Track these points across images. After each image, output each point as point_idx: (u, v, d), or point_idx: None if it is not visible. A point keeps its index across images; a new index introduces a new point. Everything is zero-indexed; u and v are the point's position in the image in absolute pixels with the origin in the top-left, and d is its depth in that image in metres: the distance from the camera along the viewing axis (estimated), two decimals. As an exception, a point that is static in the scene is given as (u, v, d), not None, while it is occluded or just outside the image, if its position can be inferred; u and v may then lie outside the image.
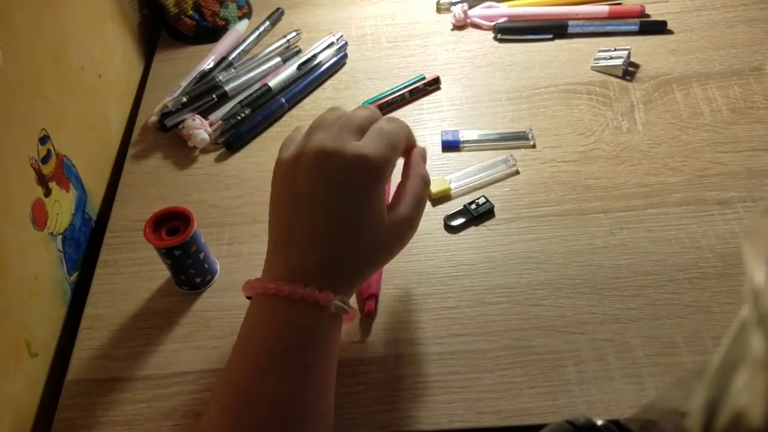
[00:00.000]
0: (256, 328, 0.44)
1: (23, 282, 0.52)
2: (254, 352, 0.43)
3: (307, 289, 0.43)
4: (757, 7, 0.76)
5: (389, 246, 0.47)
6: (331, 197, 0.45)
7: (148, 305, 0.57)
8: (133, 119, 0.74)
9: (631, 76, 0.71)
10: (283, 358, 0.42)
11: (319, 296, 0.42)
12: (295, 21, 0.82)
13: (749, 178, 0.60)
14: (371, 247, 0.45)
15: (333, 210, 0.44)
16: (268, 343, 0.43)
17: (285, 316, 0.43)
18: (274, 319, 0.43)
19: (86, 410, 0.51)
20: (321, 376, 0.43)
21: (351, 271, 0.45)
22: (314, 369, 0.43)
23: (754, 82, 0.68)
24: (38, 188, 0.55)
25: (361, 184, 0.44)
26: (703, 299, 0.53)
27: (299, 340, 0.43)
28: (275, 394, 0.41)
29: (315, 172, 0.45)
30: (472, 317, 0.53)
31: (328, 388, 0.44)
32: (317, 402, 0.43)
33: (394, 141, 0.47)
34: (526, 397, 0.49)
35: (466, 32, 0.79)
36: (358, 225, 0.45)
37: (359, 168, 0.44)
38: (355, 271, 0.45)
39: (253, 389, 0.42)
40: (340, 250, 0.44)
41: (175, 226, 0.53)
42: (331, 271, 0.44)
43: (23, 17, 0.55)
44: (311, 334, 0.43)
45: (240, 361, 0.44)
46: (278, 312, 0.43)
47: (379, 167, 0.45)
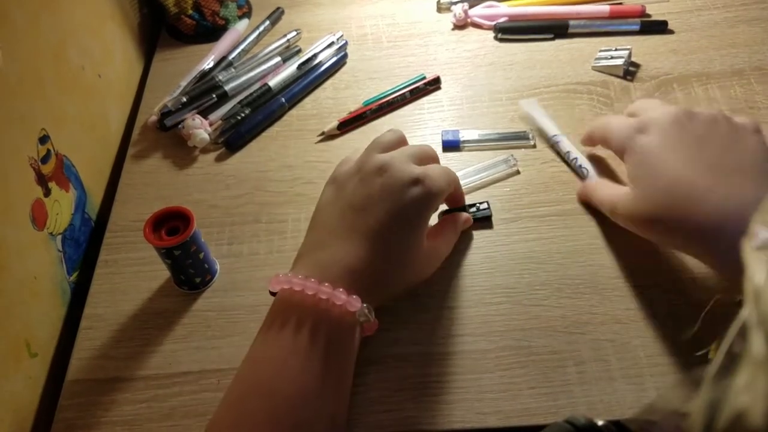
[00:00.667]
0: (284, 322, 0.44)
1: (23, 282, 0.51)
2: (277, 347, 0.44)
3: (336, 290, 0.43)
4: (757, 7, 0.76)
5: (417, 271, 0.50)
6: (384, 208, 0.46)
7: (147, 305, 0.57)
8: (133, 119, 0.73)
9: (632, 76, 0.70)
10: (306, 358, 0.43)
11: (348, 299, 0.43)
12: (295, 20, 0.82)
13: (750, 177, 0.60)
14: (404, 267, 0.48)
15: (382, 221, 0.46)
16: (292, 339, 0.43)
17: (311, 315, 0.44)
18: (298, 316, 0.44)
19: (86, 410, 0.51)
20: (339, 380, 0.44)
21: (382, 281, 0.47)
22: (334, 371, 0.43)
23: (755, 82, 0.68)
24: (38, 188, 0.55)
25: (416, 205, 0.47)
26: (703, 299, 0.52)
27: (322, 342, 0.43)
28: (295, 396, 0.42)
29: (372, 181, 0.47)
30: (473, 317, 0.53)
31: (344, 391, 0.45)
32: (334, 403, 0.43)
33: (452, 178, 0.51)
34: (527, 397, 0.49)
35: (466, 32, 0.79)
36: (399, 243, 0.47)
37: (415, 189, 0.47)
38: (388, 284, 0.47)
39: (272, 384, 0.42)
40: (375, 260, 0.45)
41: (175, 226, 0.53)
42: (363, 277, 0.45)
43: (23, 17, 0.55)
44: (334, 336, 0.44)
45: (262, 354, 0.44)
46: (305, 309, 0.44)
47: (436, 194, 0.48)
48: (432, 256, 0.52)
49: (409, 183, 0.47)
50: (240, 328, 0.54)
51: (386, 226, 0.46)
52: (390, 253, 0.46)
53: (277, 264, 0.58)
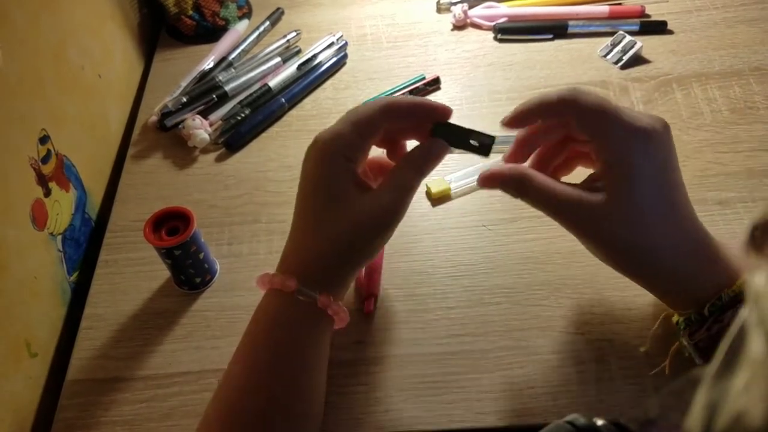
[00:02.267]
0: (255, 320, 0.46)
1: (23, 282, 0.52)
2: (243, 343, 0.45)
3: (275, 276, 0.44)
4: (757, 7, 0.76)
5: (363, 233, 0.43)
6: (300, 187, 0.46)
7: (147, 305, 0.57)
8: (133, 119, 0.74)
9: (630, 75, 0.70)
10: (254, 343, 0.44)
11: (282, 281, 0.43)
12: (295, 21, 0.82)
13: (749, 178, 0.60)
14: (338, 234, 0.43)
15: (300, 199, 0.45)
16: (253, 333, 0.45)
17: (263, 305, 0.45)
18: (266, 310, 0.45)
19: (86, 410, 0.51)
20: (298, 368, 0.43)
21: (319, 257, 0.44)
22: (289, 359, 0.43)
23: (754, 83, 0.68)
24: (38, 188, 0.55)
25: (314, 166, 0.44)
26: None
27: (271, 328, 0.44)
28: (255, 383, 0.43)
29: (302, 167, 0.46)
30: (472, 317, 0.53)
31: (312, 386, 0.44)
32: (298, 398, 0.43)
33: (355, 117, 0.44)
34: (526, 397, 0.49)
35: (466, 32, 0.79)
36: (315, 211, 0.44)
37: (311, 151, 0.45)
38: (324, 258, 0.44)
39: (240, 378, 0.44)
40: (301, 239, 0.45)
41: (175, 226, 0.53)
42: (295, 259, 0.45)
43: (23, 17, 0.55)
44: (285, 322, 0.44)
45: (236, 352, 0.45)
46: (261, 302, 0.45)
47: (325, 144, 0.43)
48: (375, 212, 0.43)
49: (307, 153, 0.45)
50: (240, 328, 0.54)
51: (304, 203, 0.45)
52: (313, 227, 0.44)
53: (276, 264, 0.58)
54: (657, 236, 0.42)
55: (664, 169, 0.42)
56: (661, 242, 0.42)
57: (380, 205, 0.43)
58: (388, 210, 0.43)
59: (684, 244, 0.42)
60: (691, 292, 0.43)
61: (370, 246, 0.44)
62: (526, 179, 0.44)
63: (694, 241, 0.42)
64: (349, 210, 0.43)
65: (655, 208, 0.41)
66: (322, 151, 0.44)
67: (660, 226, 0.42)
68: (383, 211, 0.43)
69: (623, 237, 0.42)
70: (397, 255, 0.58)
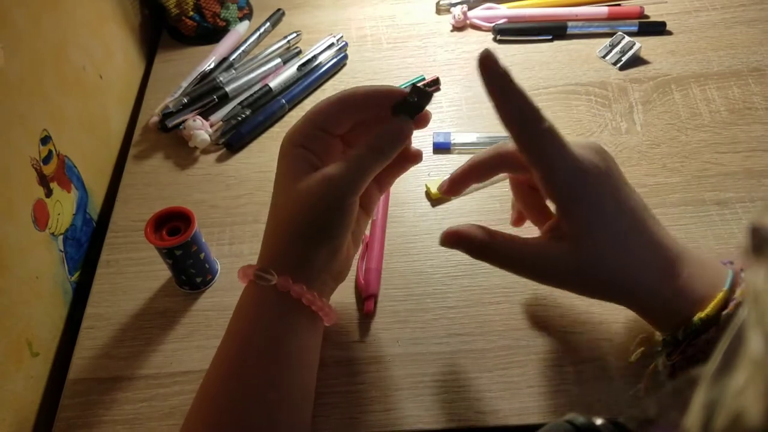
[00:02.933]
0: (236, 310, 0.46)
1: (25, 282, 0.52)
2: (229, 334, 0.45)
3: (243, 267, 0.44)
4: (756, 8, 0.77)
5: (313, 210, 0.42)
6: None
7: (149, 305, 0.57)
8: (134, 120, 0.74)
9: (629, 76, 0.71)
10: (226, 334, 0.45)
11: (244, 273, 0.44)
12: (296, 22, 0.83)
13: (748, 178, 0.60)
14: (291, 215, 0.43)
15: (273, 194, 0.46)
16: (229, 325, 0.45)
17: (241, 298, 0.45)
18: (244, 300, 0.45)
19: (87, 409, 0.51)
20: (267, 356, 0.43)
21: (277, 242, 0.44)
22: (255, 346, 0.43)
23: (752, 83, 0.69)
24: (39, 188, 0.55)
25: (278, 162, 0.46)
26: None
27: (237, 316, 0.45)
28: (226, 371, 0.43)
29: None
30: (472, 317, 0.53)
31: (281, 369, 0.43)
32: (267, 381, 0.43)
33: (311, 110, 0.45)
34: (525, 396, 0.49)
35: (465, 33, 0.79)
36: (275, 200, 0.46)
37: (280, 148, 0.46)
38: (282, 241, 0.44)
39: (213, 367, 0.44)
40: (267, 230, 0.45)
41: (176, 226, 0.53)
42: (261, 250, 0.45)
43: (24, 17, 0.55)
44: (250, 310, 0.44)
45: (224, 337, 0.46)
46: (248, 293, 0.45)
47: (284, 139, 0.45)
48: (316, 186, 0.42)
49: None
50: (241, 328, 0.55)
51: (273, 197, 0.46)
52: (272, 210, 0.46)
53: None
54: (627, 269, 0.41)
55: (617, 200, 0.41)
56: (632, 274, 0.41)
57: (327, 179, 0.42)
58: (335, 184, 0.42)
59: (655, 269, 0.41)
60: (667, 316, 0.43)
61: (326, 224, 0.43)
62: (488, 245, 0.44)
63: (665, 261, 0.42)
64: (299, 190, 0.43)
65: (618, 243, 0.41)
66: (282, 146, 0.45)
67: (628, 257, 0.41)
68: (330, 185, 0.42)
69: (594, 278, 0.42)
70: (397, 255, 0.58)
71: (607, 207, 0.41)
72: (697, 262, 0.42)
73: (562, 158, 0.41)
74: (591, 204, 0.41)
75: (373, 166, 0.43)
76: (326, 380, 0.51)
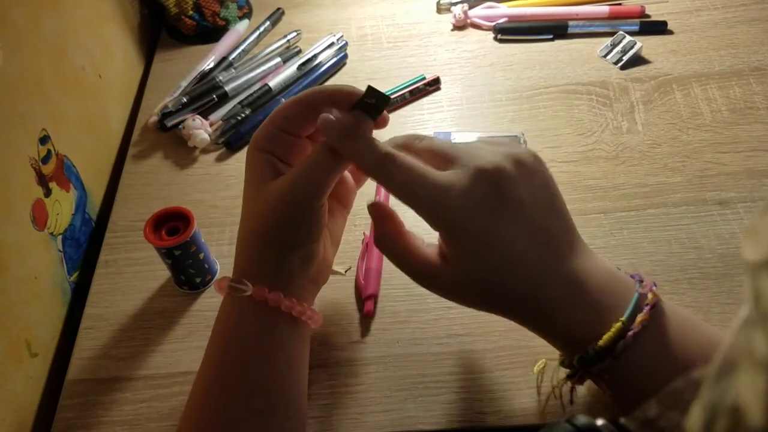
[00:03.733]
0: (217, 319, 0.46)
1: (23, 282, 0.52)
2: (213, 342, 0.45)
3: (221, 279, 0.44)
4: (757, 8, 0.76)
5: (280, 216, 0.42)
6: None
7: (148, 305, 0.57)
8: (134, 119, 0.74)
9: (630, 76, 0.71)
10: (209, 343, 0.44)
11: (220, 284, 0.43)
12: (296, 21, 0.82)
13: (749, 178, 0.60)
14: (260, 223, 0.43)
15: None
16: (220, 333, 0.44)
17: (221, 309, 0.45)
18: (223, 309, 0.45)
19: (86, 410, 0.51)
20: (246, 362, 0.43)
21: (248, 250, 0.44)
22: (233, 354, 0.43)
23: (754, 83, 0.68)
24: (38, 188, 0.55)
25: (245, 166, 0.44)
26: (702, 299, 0.53)
27: (227, 328, 0.44)
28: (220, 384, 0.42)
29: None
30: (472, 317, 0.53)
31: (264, 375, 0.43)
32: (251, 387, 0.42)
33: (273, 112, 0.44)
34: (526, 397, 0.49)
35: (466, 32, 0.79)
36: (243, 207, 0.45)
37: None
38: (253, 250, 0.43)
39: (198, 377, 0.44)
40: (239, 238, 0.45)
41: (175, 226, 0.53)
42: (237, 256, 0.45)
43: (24, 17, 0.55)
44: (242, 325, 0.43)
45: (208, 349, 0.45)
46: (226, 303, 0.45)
47: (249, 143, 0.44)
48: (278, 191, 0.42)
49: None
50: (240, 328, 0.54)
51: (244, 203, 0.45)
52: (242, 219, 0.45)
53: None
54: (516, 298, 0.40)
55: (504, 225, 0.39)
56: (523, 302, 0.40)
57: (289, 185, 0.41)
58: (297, 190, 0.41)
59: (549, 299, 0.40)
60: (561, 342, 0.42)
61: (295, 230, 0.42)
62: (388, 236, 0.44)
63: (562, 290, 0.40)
64: (264, 196, 0.42)
65: (504, 269, 0.39)
66: (247, 151, 0.44)
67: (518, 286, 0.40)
68: (293, 191, 0.41)
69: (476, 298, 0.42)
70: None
71: (490, 235, 0.39)
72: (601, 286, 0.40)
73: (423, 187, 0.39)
74: (468, 233, 0.39)
75: (332, 166, 0.41)
76: (326, 380, 0.50)
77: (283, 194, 0.41)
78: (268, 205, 0.42)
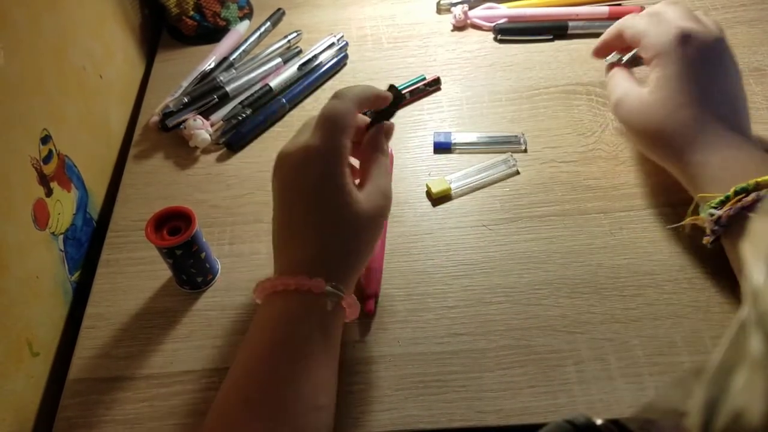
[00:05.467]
0: (260, 323, 0.46)
1: (25, 281, 0.52)
2: (261, 343, 0.44)
3: (297, 278, 0.44)
4: (756, 8, 0.77)
5: (367, 223, 0.46)
6: (293, 197, 0.47)
7: (149, 305, 0.57)
8: (135, 119, 0.74)
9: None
10: (286, 346, 0.43)
11: (310, 283, 0.44)
12: (296, 21, 0.83)
13: (748, 178, 0.60)
14: (349, 227, 0.46)
15: (298, 207, 0.46)
16: (273, 334, 0.44)
17: (282, 308, 0.45)
18: (272, 312, 0.45)
19: (88, 409, 0.51)
20: (323, 366, 0.44)
21: (336, 255, 0.46)
22: (316, 358, 0.43)
23: (753, 83, 0.68)
24: (40, 188, 0.55)
25: (312, 175, 0.46)
26: (702, 299, 0.53)
27: (298, 329, 0.44)
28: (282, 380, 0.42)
29: (277, 178, 0.48)
30: (472, 317, 0.53)
31: (331, 378, 0.45)
32: (321, 391, 0.43)
33: (333, 119, 0.46)
34: (526, 396, 0.49)
35: (466, 33, 0.79)
36: (323, 213, 0.46)
37: (305, 161, 0.46)
38: (344, 254, 0.46)
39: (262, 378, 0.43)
40: (317, 242, 0.45)
41: (177, 226, 0.53)
42: (318, 260, 0.45)
43: (24, 17, 0.55)
44: (310, 323, 0.44)
45: (250, 352, 0.45)
46: (275, 305, 0.45)
47: (321, 153, 0.46)
48: (376, 201, 0.47)
49: (298, 163, 0.46)
50: (241, 328, 0.55)
51: (308, 209, 0.46)
52: (326, 227, 0.45)
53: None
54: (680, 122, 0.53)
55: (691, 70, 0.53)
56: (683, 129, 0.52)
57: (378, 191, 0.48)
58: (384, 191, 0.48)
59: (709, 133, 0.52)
60: (718, 177, 0.50)
61: (375, 230, 0.48)
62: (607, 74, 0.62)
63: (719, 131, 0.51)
64: (351, 204, 0.45)
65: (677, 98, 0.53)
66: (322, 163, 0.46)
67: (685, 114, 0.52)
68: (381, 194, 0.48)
69: (653, 121, 0.54)
70: (397, 255, 0.58)
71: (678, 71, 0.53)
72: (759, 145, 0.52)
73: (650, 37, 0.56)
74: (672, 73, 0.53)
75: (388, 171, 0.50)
76: (326, 380, 0.51)
77: (377, 218, 0.47)
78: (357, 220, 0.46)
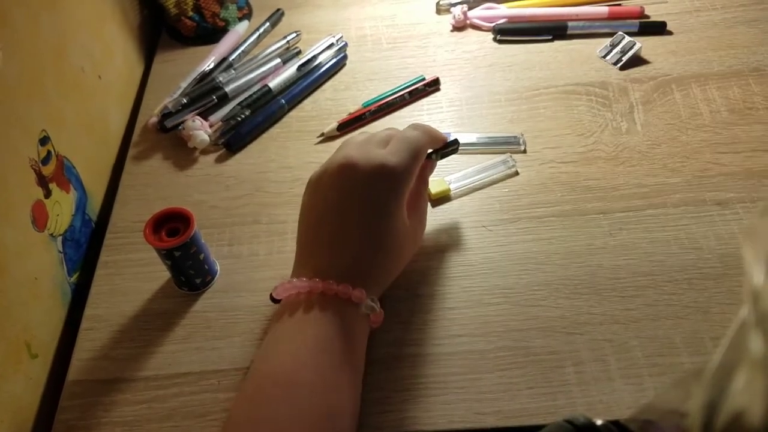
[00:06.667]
0: (295, 321, 0.46)
1: (23, 283, 0.52)
2: (292, 342, 0.45)
3: (341, 285, 0.45)
4: (756, 8, 0.77)
5: (409, 245, 0.51)
6: (354, 205, 0.47)
7: (148, 306, 0.57)
8: (134, 120, 0.74)
9: (630, 76, 0.71)
10: (321, 350, 0.44)
11: (353, 293, 0.45)
12: (295, 22, 0.82)
13: (748, 178, 0.60)
14: (396, 247, 0.48)
15: (357, 215, 0.47)
16: (305, 334, 0.44)
17: (320, 311, 0.45)
18: (308, 314, 0.45)
19: (86, 411, 0.51)
20: (353, 371, 0.45)
21: (378, 270, 0.48)
22: (348, 363, 0.44)
23: (753, 83, 0.68)
24: (38, 189, 0.55)
25: (382, 190, 0.47)
26: (702, 300, 0.53)
27: (334, 334, 0.44)
28: (314, 385, 0.42)
29: (339, 182, 0.48)
30: (472, 318, 0.53)
31: (358, 383, 0.46)
32: (351, 395, 0.44)
33: (416, 148, 0.49)
34: (526, 397, 0.49)
35: (465, 33, 0.79)
36: (380, 228, 0.47)
37: (379, 175, 0.47)
38: (384, 271, 0.49)
39: (294, 379, 0.43)
40: (365, 253, 0.47)
41: (175, 227, 0.53)
42: (360, 272, 0.46)
43: (23, 17, 0.55)
44: (345, 329, 0.45)
45: (276, 349, 0.45)
46: (313, 308, 0.45)
47: (397, 174, 0.47)
48: (417, 229, 0.53)
49: (371, 175, 0.47)
50: (240, 329, 0.54)
51: (363, 219, 0.47)
52: (376, 242, 0.47)
53: (277, 265, 0.58)
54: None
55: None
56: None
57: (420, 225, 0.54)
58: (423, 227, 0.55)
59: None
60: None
61: (411, 253, 0.53)
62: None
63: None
64: (402, 226, 0.49)
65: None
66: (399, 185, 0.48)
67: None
68: (422, 229, 0.55)
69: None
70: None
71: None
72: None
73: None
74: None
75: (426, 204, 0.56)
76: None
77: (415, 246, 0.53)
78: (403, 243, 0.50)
